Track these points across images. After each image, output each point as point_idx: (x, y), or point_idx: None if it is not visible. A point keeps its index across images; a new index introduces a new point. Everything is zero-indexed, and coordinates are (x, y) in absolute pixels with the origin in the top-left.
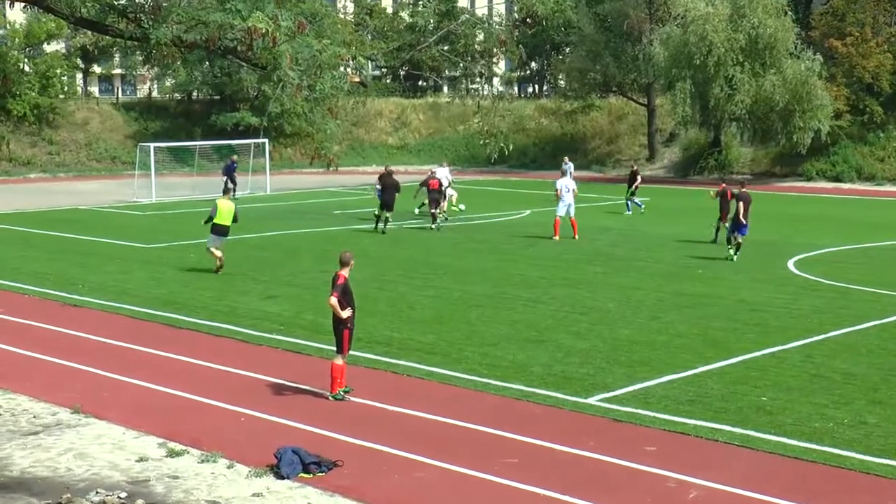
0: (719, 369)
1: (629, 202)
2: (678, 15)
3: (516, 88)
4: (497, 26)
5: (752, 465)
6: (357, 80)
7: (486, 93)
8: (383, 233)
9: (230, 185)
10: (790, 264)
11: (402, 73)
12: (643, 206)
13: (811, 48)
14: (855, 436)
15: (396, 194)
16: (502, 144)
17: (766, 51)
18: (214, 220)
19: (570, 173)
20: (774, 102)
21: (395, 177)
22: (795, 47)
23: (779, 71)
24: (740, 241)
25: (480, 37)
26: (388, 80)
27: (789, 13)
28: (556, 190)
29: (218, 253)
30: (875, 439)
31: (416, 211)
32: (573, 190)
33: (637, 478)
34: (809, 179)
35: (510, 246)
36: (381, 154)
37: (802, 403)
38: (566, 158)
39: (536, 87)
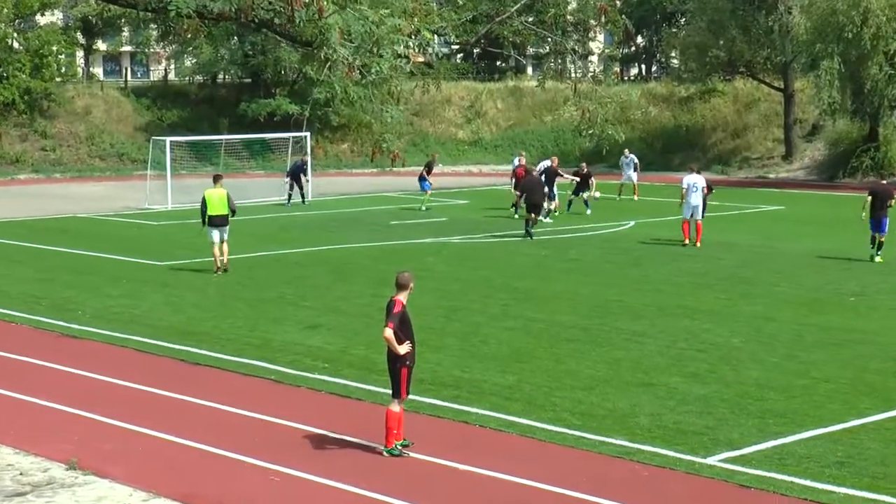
0: (876, 424)
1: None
2: None
3: (618, 69)
4: None
5: None
6: (421, 59)
7: (581, 75)
8: (530, 237)
9: (293, 191)
10: None
11: (476, 50)
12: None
13: None
14: None
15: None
16: (610, 132)
17: None
18: (208, 213)
19: (634, 166)
20: None
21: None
22: None
23: None
24: (882, 238)
25: (574, 5)
26: (458, 60)
27: None
28: (682, 189)
29: (217, 251)
30: None
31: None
32: (702, 188)
33: None
34: None
35: (610, 265)
36: (450, 150)
37: None
38: (626, 151)
39: (643, 67)
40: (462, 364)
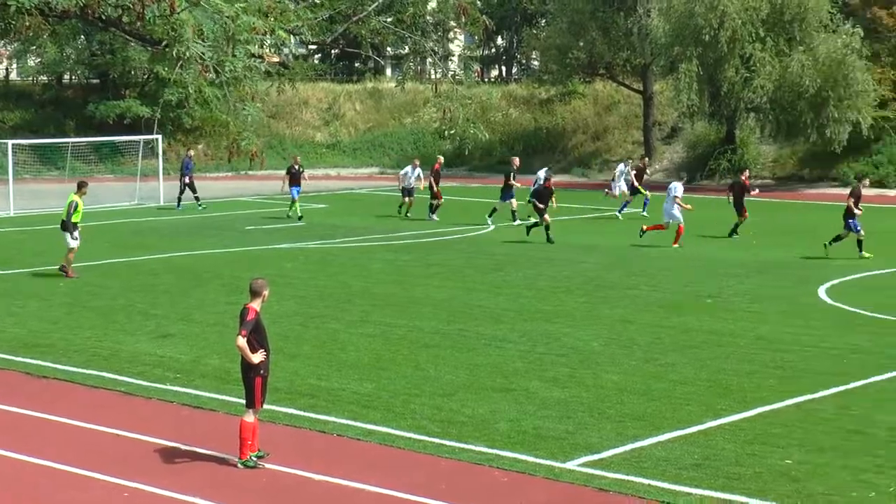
0: (732, 425)
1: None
2: None
3: (478, 70)
4: None
5: None
6: (276, 59)
7: (441, 76)
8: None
9: (183, 193)
10: (821, 291)
11: (334, 51)
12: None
13: (850, 20)
14: None
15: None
16: (473, 130)
17: (793, 23)
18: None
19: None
20: (803, 88)
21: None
22: (831, 19)
23: (809, 48)
24: (857, 236)
25: (433, 4)
26: (316, 61)
27: None
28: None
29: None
30: None
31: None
32: (673, 197)
33: None
34: (846, 185)
35: (471, 269)
36: (307, 153)
37: (837, 468)
38: (628, 159)
39: (503, 69)
40: (319, 372)
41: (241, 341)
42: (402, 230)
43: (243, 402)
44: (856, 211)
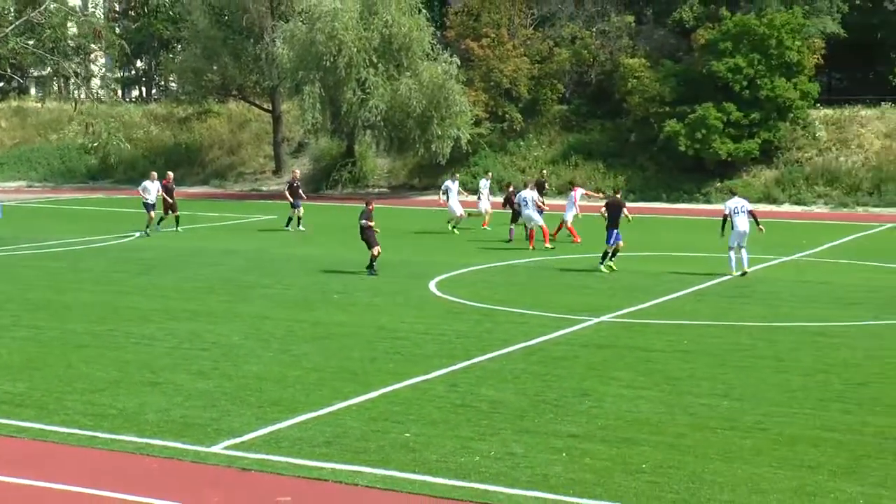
0: (358, 405)
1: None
2: (303, 10)
3: (120, 91)
4: (93, 16)
5: None
6: None
7: (84, 96)
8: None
9: None
10: (432, 285)
11: None
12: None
13: (448, 50)
14: (502, 468)
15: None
16: (115, 142)
17: (401, 51)
18: None
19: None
20: (411, 108)
21: None
22: (432, 48)
23: (415, 74)
24: (607, 247)
25: (74, 29)
26: None
27: (423, 11)
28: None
29: None
30: (522, 471)
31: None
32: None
33: None
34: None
35: (120, 274)
36: None
37: (448, 437)
38: (489, 174)
39: (144, 90)
40: None
41: None
42: (53, 238)
43: None
44: (630, 216)
